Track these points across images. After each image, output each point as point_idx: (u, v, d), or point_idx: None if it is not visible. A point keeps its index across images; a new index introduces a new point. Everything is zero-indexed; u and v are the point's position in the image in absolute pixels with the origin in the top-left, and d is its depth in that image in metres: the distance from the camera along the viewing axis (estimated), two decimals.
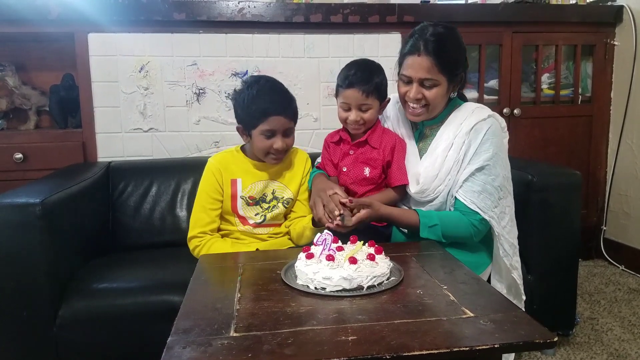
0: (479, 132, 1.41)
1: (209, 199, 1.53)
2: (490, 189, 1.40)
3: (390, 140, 1.51)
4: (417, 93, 1.41)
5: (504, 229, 1.43)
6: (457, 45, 1.43)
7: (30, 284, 1.42)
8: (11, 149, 2.04)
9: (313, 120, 2.27)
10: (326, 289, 1.01)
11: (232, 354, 0.78)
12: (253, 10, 2.15)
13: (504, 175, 1.42)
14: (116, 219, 1.94)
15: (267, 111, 1.45)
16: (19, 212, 1.39)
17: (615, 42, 2.53)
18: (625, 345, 1.80)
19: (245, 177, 1.56)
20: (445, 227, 1.39)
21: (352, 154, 1.53)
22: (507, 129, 1.50)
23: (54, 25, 2.05)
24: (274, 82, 1.54)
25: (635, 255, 2.47)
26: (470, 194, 1.40)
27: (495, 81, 2.49)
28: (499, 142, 1.43)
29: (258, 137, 1.49)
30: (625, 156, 2.53)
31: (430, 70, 1.38)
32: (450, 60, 1.40)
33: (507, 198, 1.45)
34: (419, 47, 1.38)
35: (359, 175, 1.51)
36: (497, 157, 1.41)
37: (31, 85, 2.29)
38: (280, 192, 1.58)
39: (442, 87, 1.41)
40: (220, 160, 1.57)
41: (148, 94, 2.15)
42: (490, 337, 0.82)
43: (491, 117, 1.44)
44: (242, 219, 1.55)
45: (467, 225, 1.40)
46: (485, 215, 1.39)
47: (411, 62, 1.40)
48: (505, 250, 1.44)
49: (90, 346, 1.48)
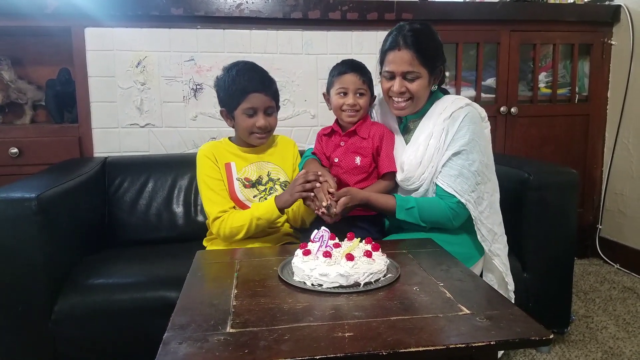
0: (456, 119, 1.45)
1: (214, 181, 1.54)
2: (467, 173, 1.43)
3: (378, 130, 1.57)
4: (400, 86, 1.45)
5: (481, 214, 1.45)
6: (434, 40, 1.49)
7: (26, 279, 1.42)
8: (7, 144, 2.03)
9: (311, 117, 2.27)
10: (323, 286, 1.01)
11: (229, 350, 0.78)
12: (251, 6, 2.14)
13: (481, 161, 1.45)
14: (112, 214, 1.93)
15: (246, 89, 1.49)
16: (15, 207, 1.39)
17: (613, 42, 2.54)
18: (620, 343, 1.81)
19: (238, 161, 1.58)
20: (422, 210, 1.44)
21: (343, 145, 1.57)
22: (487, 119, 1.53)
23: (50, 20, 2.03)
24: (253, 64, 1.58)
25: (631, 254, 2.48)
26: (447, 178, 1.44)
27: (492, 79, 2.49)
28: (477, 128, 1.46)
29: (240, 116, 1.52)
30: (622, 155, 2.54)
31: (412, 62, 1.43)
32: (430, 53, 1.45)
33: (487, 184, 1.48)
34: (399, 42, 1.43)
35: (351, 164, 1.55)
36: (473, 142, 1.44)
37: (27, 79, 2.27)
38: (275, 174, 1.60)
39: (424, 79, 1.46)
40: (210, 148, 1.59)
41: (145, 89, 2.14)
42: (486, 334, 0.83)
43: (469, 106, 1.48)
44: (241, 204, 1.55)
45: (444, 208, 1.43)
46: (462, 198, 1.42)
47: (392, 58, 1.45)
48: (483, 235, 1.47)
49: (87, 341, 1.48)
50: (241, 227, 1.46)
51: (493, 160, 1.53)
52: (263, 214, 1.46)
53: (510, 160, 1.92)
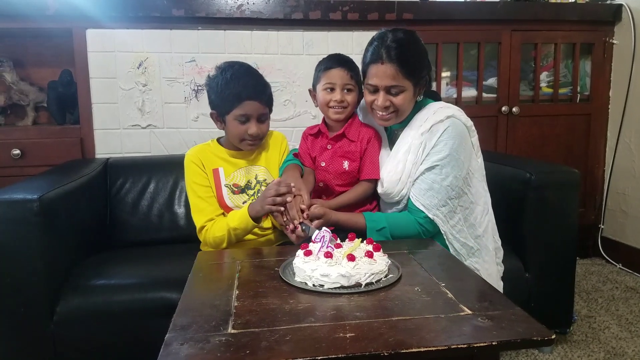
0: (435, 133, 1.41)
1: (201, 188, 1.51)
2: (438, 188, 1.40)
3: (367, 132, 1.52)
4: (384, 101, 1.41)
5: (453, 228, 1.42)
6: (418, 49, 1.43)
7: (28, 280, 1.42)
8: (9, 145, 2.04)
9: (312, 117, 2.27)
10: (324, 286, 1.01)
11: (230, 351, 0.78)
12: (252, 7, 2.14)
13: (456, 176, 1.40)
14: (114, 215, 1.94)
15: (241, 95, 1.44)
16: (17, 208, 1.39)
17: (614, 41, 2.53)
18: (622, 343, 1.81)
19: (226, 166, 1.55)
20: (393, 228, 1.41)
21: (330, 148, 1.53)
22: (474, 128, 1.48)
23: (51, 21, 2.04)
24: (249, 67, 1.53)
25: (633, 254, 2.47)
26: (417, 192, 1.42)
27: (494, 79, 2.49)
28: (455, 144, 1.40)
29: (232, 122, 1.48)
30: (623, 155, 2.53)
31: (395, 77, 1.37)
32: (414, 65, 1.40)
33: (462, 198, 1.44)
34: (382, 56, 1.37)
35: (339, 169, 1.51)
36: (449, 157, 1.40)
37: (29, 81, 2.28)
38: (262, 176, 1.57)
39: (409, 92, 1.41)
40: (197, 153, 1.55)
41: (146, 91, 2.14)
42: (488, 334, 0.82)
43: (450, 118, 1.42)
44: (230, 211, 1.51)
45: (413, 223, 1.41)
46: (430, 213, 1.40)
47: (375, 71, 1.39)
48: (455, 250, 1.43)
49: (88, 343, 1.48)
50: (222, 237, 1.44)
51: (480, 170, 1.49)
52: (238, 224, 1.42)
53: (511, 160, 1.92)
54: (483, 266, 1.47)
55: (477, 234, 1.47)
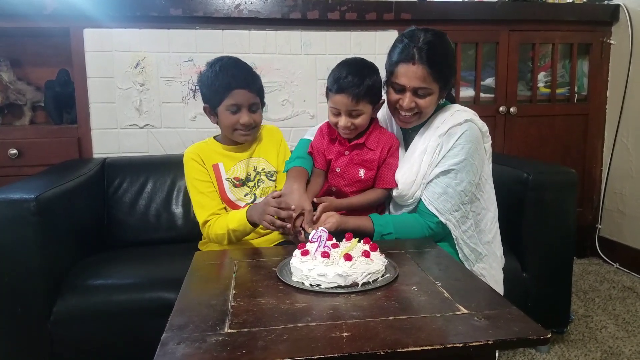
0: (452, 136, 1.39)
1: (203, 184, 1.51)
2: (452, 192, 1.38)
3: (388, 140, 1.47)
4: (410, 102, 1.37)
5: (464, 233, 1.41)
6: (448, 53, 1.40)
7: (25, 280, 1.42)
8: (6, 145, 2.04)
9: (310, 117, 2.27)
10: (321, 286, 1.01)
11: (227, 350, 0.78)
12: (250, 7, 2.14)
13: (470, 181, 1.39)
14: (111, 215, 1.93)
15: (230, 85, 1.45)
16: (14, 208, 1.39)
17: (612, 41, 2.54)
18: (619, 342, 1.81)
19: (226, 161, 1.56)
20: (400, 233, 1.39)
21: (347, 154, 1.47)
22: (488, 134, 1.46)
23: (49, 21, 2.04)
24: (237, 59, 1.54)
25: (630, 254, 2.48)
26: (431, 195, 1.40)
27: (491, 79, 2.49)
28: (472, 148, 1.39)
29: (224, 113, 1.48)
30: (621, 155, 2.54)
31: (425, 79, 1.34)
32: (444, 69, 1.37)
33: (474, 203, 1.43)
34: (413, 56, 1.33)
35: (354, 177, 1.46)
36: (465, 162, 1.38)
37: (26, 80, 2.28)
38: (261, 166, 1.58)
39: (435, 95, 1.38)
40: (196, 150, 1.56)
41: (144, 90, 2.14)
42: (484, 333, 0.82)
43: (468, 122, 1.40)
44: (233, 205, 1.53)
45: (422, 227, 1.39)
46: (442, 217, 1.38)
47: (405, 71, 1.35)
48: (465, 255, 1.42)
49: (85, 342, 1.48)
50: (222, 235, 1.44)
51: (491, 176, 1.48)
52: (237, 226, 1.41)
53: (509, 160, 1.92)
54: (490, 272, 1.46)
55: (486, 240, 1.46)
